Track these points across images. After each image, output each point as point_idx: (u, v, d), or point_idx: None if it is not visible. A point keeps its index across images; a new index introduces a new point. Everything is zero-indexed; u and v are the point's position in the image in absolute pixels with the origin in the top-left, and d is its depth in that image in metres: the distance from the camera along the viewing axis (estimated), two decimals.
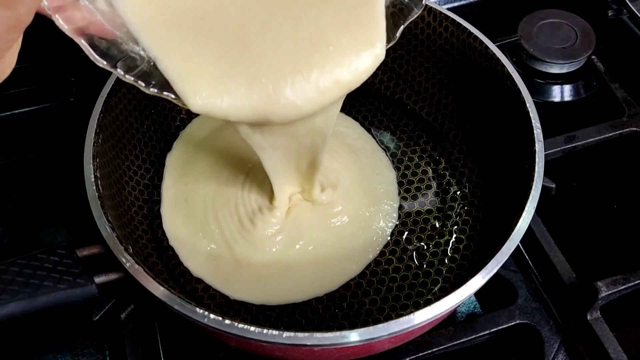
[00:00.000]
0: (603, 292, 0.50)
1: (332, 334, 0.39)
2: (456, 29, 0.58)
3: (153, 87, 0.39)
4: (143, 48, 0.39)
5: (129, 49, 0.39)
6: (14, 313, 0.41)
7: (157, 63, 0.39)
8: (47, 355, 0.53)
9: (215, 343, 0.50)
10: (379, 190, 0.58)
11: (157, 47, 0.39)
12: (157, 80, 0.39)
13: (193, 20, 0.40)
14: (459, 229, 0.56)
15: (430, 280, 0.53)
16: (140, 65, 0.39)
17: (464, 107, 0.60)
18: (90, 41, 0.37)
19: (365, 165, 0.60)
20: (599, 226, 0.61)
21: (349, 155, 0.60)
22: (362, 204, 0.57)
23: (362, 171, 0.59)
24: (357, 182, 0.58)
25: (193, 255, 0.53)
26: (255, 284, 0.52)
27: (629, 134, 0.62)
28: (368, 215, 0.56)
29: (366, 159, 0.60)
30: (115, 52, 0.38)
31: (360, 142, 0.62)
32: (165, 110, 0.61)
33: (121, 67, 0.38)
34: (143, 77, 0.39)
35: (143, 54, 0.39)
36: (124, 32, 0.39)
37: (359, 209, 0.56)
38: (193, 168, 0.58)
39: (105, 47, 0.37)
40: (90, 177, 0.47)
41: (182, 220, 0.55)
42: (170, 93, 0.39)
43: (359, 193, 0.57)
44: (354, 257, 0.54)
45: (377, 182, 0.59)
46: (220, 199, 0.56)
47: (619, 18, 0.73)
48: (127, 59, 0.38)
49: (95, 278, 0.44)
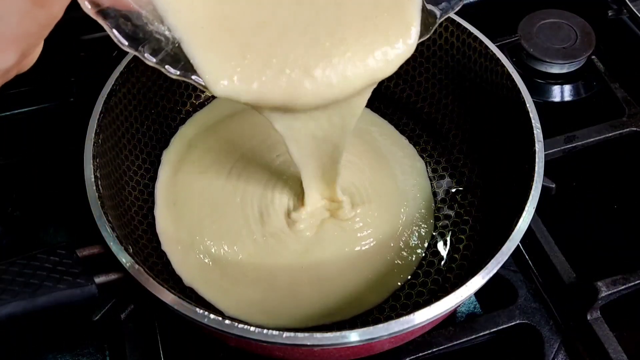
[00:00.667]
0: (603, 292, 0.50)
1: (332, 334, 0.39)
2: (456, 29, 0.58)
3: (178, 70, 0.38)
4: (168, 27, 0.37)
5: (154, 30, 0.37)
6: (14, 313, 0.41)
7: (182, 44, 0.38)
8: (47, 355, 0.53)
9: (215, 343, 0.50)
10: (410, 211, 0.56)
11: (183, 27, 0.37)
12: (181, 65, 0.38)
13: (221, 1, 0.39)
14: (459, 229, 0.56)
15: (430, 280, 0.53)
16: (165, 47, 0.38)
17: (464, 107, 0.60)
18: (115, 24, 0.36)
19: (398, 177, 0.58)
20: (599, 226, 0.61)
21: (380, 165, 0.58)
22: (392, 228, 0.54)
23: (395, 182, 0.57)
24: (388, 199, 0.56)
25: (185, 263, 0.52)
26: (256, 304, 0.50)
27: (629, 134, 0.62)
28: (393, 246, 0.53)
29: (399, 170, 0.58)
30: (140, 35, 0.37)
31: (394, 149, 0.60)
32: (165, 110, 0.61)
33: (146, 50, 0.37)
34: (167, 60, 0.38)
35: (168, 34, 0.38)
36: (149, 10, 0.37)
37: (387, 234, 0.54)
38: (187, 167, 0.58)
39: (130, 30, 0.36)
40: (90, 177, 0.47)
41: (172, 224, 0.54)
42: (195, 77, 0.38)
43: (388, 213, 0.55)
44: (374, 287, 0.51)
45: (411, 197, 0.57)
46: (222, 204, 0.55)
47: (619, 18, 0.73)
48: (152, 41, 0.37)
49: (95, 278, 0.44)
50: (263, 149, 0.59)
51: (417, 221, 0.56)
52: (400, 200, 0.56)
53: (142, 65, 0.56)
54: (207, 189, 0.56)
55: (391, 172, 0.59)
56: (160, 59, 0.37)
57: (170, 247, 0.53)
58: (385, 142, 0.61)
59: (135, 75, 0.55)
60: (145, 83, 0.57)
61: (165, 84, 0.60)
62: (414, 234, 0.55)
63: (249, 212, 0.54)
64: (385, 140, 0.61)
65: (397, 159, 0.60)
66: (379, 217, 0.55)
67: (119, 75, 0.53)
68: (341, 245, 0.53)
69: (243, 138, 0.60)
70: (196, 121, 0.62)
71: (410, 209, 0.56)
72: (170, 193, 0.56)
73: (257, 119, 0.62)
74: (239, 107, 0.62)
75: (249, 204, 0.55)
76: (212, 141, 0.60)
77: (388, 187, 0.57)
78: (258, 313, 0.50)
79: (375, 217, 0.54)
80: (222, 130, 0.61)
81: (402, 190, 0.57)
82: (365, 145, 0.60)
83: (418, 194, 0.57)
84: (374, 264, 0.52)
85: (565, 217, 0.61)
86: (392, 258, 0.53)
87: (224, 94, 0.38)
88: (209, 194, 0.56)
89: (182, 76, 0.38)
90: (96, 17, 0.35)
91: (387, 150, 0.60)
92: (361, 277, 0.52)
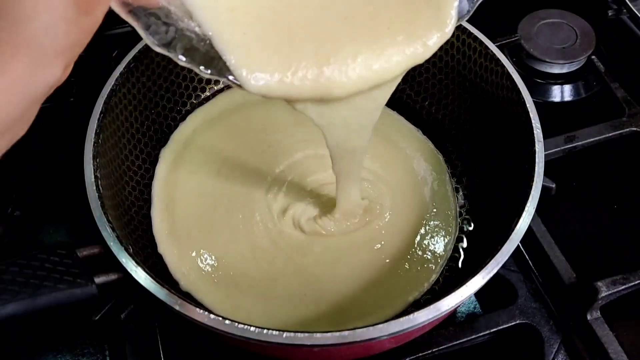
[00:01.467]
0: (603, 292, 0.50)
1: (332, 334, 0.39)
2: (456, 29, 0.57)
3: (210, 69, 0.37)
4: (198, 24, 0.36)
5: (185, 27, 0.37)
6: (14, 313, 0.41)
7: (213, 40, 0.36)
8: (47, 355, 0.53)
9: (215, 343, 0.50)
10: (430, 223, 0.55)
11: (213, 22, 0.36)
12: (215, 63, 0.37)
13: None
14: (459, 229, 0.56)
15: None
16: (196, 45, 0.37)
17: (464, 107, 0.60)
18: (146, 24, 0.35)
19: (419, 184, 0.57)
20: (599, 226, 0.61)
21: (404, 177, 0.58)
22: (407, 244, 0.53)
23: (415, 191, 0.56)
24: (407, 209, 0.55)
25: (182, 268, 0.52)
26: (258, 313, 0.49)
27: (629, 134, 0.62)
28: (408, 262, 0.53)
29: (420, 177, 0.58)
30: (171, 34, 0.36)
31: (417, 155, 0.59)
32: (165, 110, 0.61)
33: (179, 50, 0.36)
34: (198, 58, 0.37)
35: (198, 31, 0.37)
36: (177, 6, 0.37)
37: (402, 249, 0.53)
38: (182, 166, 0.57)
39: (162, 30, 0.36)
40: (91, 177, 0.47)
41: (167, 226, 0.54)
42: (229, 75, 0.37)
43: (406, 225, 0.54)
44: (383, 302, 0.51)
45: (430, 208, 0.56)
46: (214, 205, 0.54)
47: (619, 18, 0.73)
48: (183, 39, 0.36)
49: (95, 278, 0.44)
50: (258, 147, 0.59)
51: (439, 230, 0.55)
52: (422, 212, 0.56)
53: (142, 65, 0.56)
54: (199, 188, 0.56)
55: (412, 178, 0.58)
56: (192, 58, 0.37)
57: (166, 250, 0.53)
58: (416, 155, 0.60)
59: (135, 75, 0.55)
60: (145, 83, 0.57)
61: (166, 84, 0.60)
62: (434, 243, 0.54)
63: (243, 214, 0.54)
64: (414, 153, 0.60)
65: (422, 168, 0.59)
66: (394, 230, 0.54)
67: (119, 75, 0.53)
68: (354, 257, 0.52)
69: (240, 137, 0.60)
70: (194, 119, 0.62)
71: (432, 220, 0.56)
72: (165, 193, 0.56)
73: (256, 118, 0.63)
74: (237, 104, 0.62)
75: (242, 205, 0.55)
76: (208, 139, 0.60)
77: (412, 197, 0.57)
78: (261, 320, 0.48)
79: (390, 229, 0.54)
80: (219, 128, 0.61)
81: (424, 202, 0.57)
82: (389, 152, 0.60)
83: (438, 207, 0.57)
84: (383, 281, 0.52)
85: (565, 217, 0.61)
86: (403, 277, 0.52)
87: (259, 91, 0.37)
88: (202, 194, 0.56)
89: (215, 76, 0.37)
90: (127, 18, 0.35)
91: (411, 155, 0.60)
92: (370, 292, 0.51)
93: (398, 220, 0.55)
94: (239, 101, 0.62)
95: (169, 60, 0.58)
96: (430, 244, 0.54)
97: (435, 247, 0.54)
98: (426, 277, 0.52)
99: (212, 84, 0.64)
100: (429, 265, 0.53)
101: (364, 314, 0.50)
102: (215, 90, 0.64)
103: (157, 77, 0.58)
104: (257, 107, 0.62)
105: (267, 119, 0.61)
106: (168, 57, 0.37)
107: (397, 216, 0.55)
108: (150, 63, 0.57)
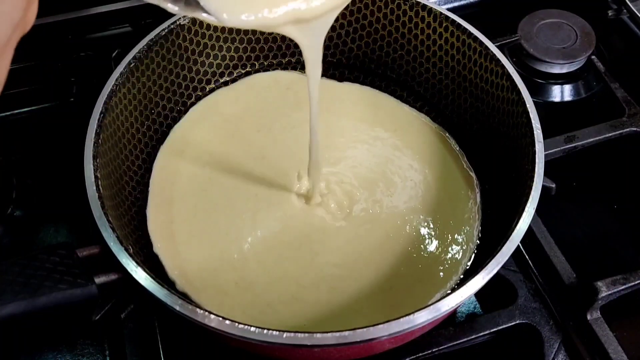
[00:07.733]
0: (603, 292, 0.50)
1: (332, 334, 0.39)
2: (456, 29, 0.58)
3: (180, 6, 0.37)
4: None
5: None
6: (15, 313, 0.41)
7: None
8: (47, 355, 0.53)
9: (215, 343, 0.50)
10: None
11: None
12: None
13: None
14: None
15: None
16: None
17: (464, 107, 0.60)
18: None
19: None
20: (599, 226, 0.61)
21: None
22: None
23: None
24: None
25: (178, 268, 0.51)
26: (255, 314, 0.49)
27: (629, 134, 0.62)
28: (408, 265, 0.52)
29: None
30: None
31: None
32: (165, 110, 0.60)
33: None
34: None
35: None
36: None
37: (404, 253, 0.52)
38: (179, 165, 0.57)
39: None
40: (91, 177, 0.47)
41: (163, 225, 0.54)
42: (201, 12, 0.37)
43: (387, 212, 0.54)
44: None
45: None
46: (225, 205, 0.54)
47: (619, 18, 0.73)
48: None
49: (95, 278, 0.44)
50: (258, 147, 0.59)
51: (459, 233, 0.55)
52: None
53: (142, 65, 0.56)
54: (197, 187, 0.56)
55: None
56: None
57: (161, 249, 0.52)
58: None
59: (135, 75, 0.55)
60: (145, 83, 0.57)
61: (166, 84, 0.60)
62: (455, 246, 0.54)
63: (242, 214, 0.54)
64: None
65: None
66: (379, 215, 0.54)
67: (119, 75, 0.53)
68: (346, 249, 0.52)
69: (240, 137, 0.60)
70: (194, 118, 0.61)
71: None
72: (161, 191, 0.56)
73: (256, 118, 0.62)
74: (238, 104, 0.62)
75: (241, 205, 0.55)
76: (207, 139, 0.60)
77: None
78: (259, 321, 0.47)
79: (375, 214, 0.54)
80: (219, 128, 0.61)
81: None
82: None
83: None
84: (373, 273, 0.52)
85: (565, 217, 0.61)
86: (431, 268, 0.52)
87: (235, 24, 0.37)
88: (199, 193, 0.56)
89: (187, 12, 0.37)
90: None
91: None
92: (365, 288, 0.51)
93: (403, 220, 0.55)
94: (240, 101, 0.62)
95: (169, 60, 0.58)
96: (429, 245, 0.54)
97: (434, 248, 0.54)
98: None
99: (212, 84, 0.64)
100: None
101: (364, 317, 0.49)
102: (215, 90, 0.64)
103: (157, 77, 0.58)
104: (257, 107, 0.62)
105: (267, 118, 0.61)
106: (168, 57, 0.37)
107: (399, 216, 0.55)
108: (150, 63, 0.57)
